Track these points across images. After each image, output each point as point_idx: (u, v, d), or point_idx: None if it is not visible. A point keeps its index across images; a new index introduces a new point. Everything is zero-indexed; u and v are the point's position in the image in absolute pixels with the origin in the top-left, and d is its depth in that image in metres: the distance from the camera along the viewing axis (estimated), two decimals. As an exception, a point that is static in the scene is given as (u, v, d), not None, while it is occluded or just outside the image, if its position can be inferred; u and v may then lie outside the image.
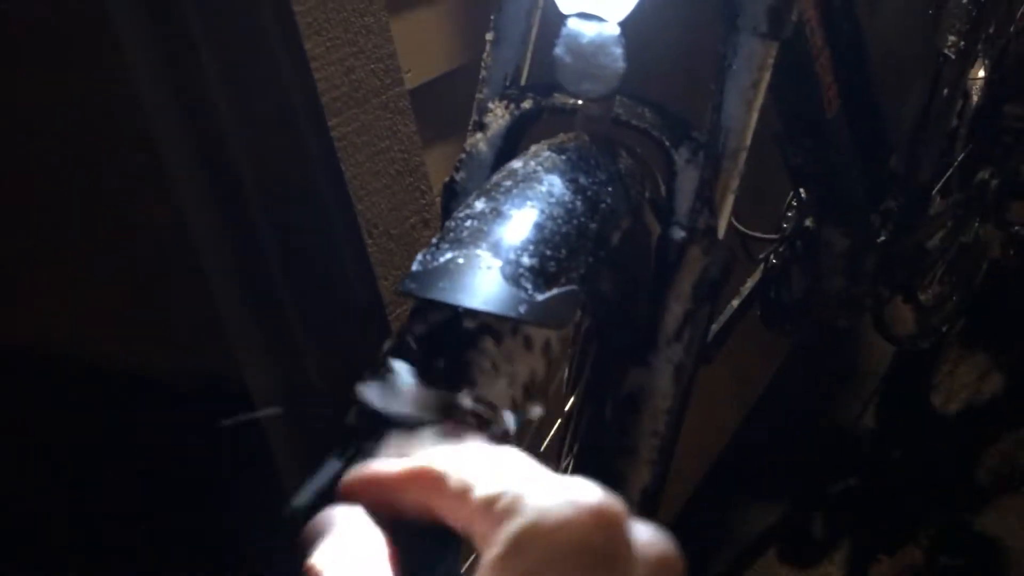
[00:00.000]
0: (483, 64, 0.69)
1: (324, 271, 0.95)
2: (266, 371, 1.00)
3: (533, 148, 0.58)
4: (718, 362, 1.21)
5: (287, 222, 0.93)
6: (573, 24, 0.58)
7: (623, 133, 0.64)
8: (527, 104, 0.66)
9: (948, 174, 1.24)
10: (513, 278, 0.46)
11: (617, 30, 0.58)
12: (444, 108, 1.01)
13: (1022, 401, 1.52)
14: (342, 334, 0.97)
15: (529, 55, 0.68)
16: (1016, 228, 1.37)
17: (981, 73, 1.39)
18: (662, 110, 0.64)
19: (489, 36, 0.69)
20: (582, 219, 0.51)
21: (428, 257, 0.48)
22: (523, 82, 0.68)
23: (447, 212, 0.71)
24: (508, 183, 0.52)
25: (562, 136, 0.60)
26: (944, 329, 1.64)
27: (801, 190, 1.11)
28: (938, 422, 1.51)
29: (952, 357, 1.62)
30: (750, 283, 1.23)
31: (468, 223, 0.49)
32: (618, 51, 0.57)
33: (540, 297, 0.46)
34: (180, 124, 0.93)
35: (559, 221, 0.50)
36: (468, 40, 1.01)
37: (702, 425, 1.27)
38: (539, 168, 0.54)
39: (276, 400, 1.01)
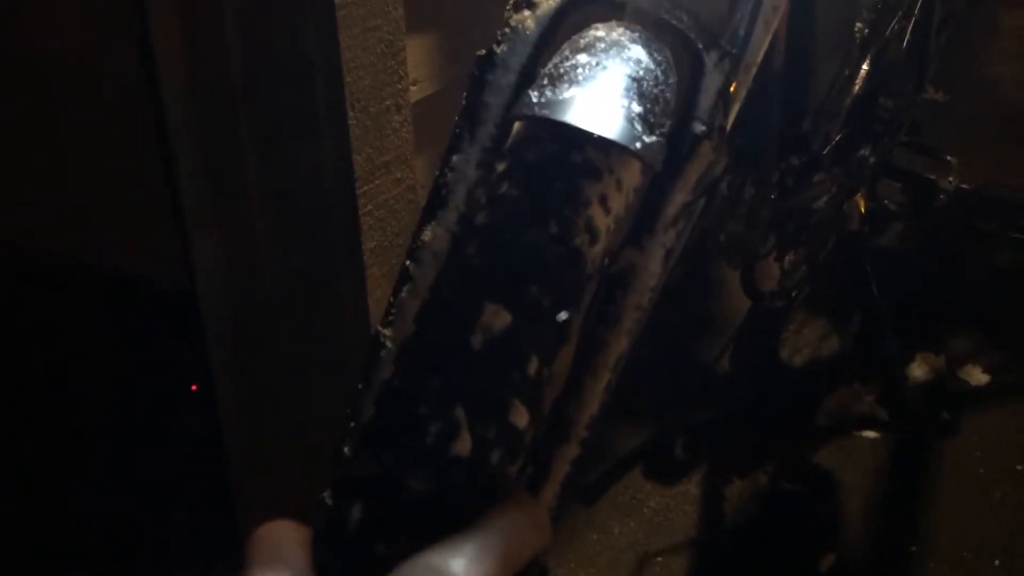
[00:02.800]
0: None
1: (303, 136, 0.97)
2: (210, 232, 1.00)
3: (599, 26, 0.64)
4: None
5: (271, 83, 0.94)
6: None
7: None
8: (578, -10, 0.71)
9: (836, 143, 1.40)
10: (628, 119, 0.52)
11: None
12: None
13: (854, 363, 1.72)
14: (309, 202, 0.98)
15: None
16: (884, 202, 1.55)
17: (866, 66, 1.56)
18: (696, 16, 0.71)
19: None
20: (663, 88, 0.58)
21: (539, 94, 0.53)
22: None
23: (480, 84, 0.73)
24: (601, 44, 0.58)
25: (615, 23, 0.66)
26: (794, 294, 1.83)
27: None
28: (785, 371, 1.69)
29: (799, 319, 1.81)
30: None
31: (578, 70, 0.54)
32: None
33: (648, 140, 0.52)
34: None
35: (650, 83, 0.56)
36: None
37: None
38: (622, 38, 0.60)
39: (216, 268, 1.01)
